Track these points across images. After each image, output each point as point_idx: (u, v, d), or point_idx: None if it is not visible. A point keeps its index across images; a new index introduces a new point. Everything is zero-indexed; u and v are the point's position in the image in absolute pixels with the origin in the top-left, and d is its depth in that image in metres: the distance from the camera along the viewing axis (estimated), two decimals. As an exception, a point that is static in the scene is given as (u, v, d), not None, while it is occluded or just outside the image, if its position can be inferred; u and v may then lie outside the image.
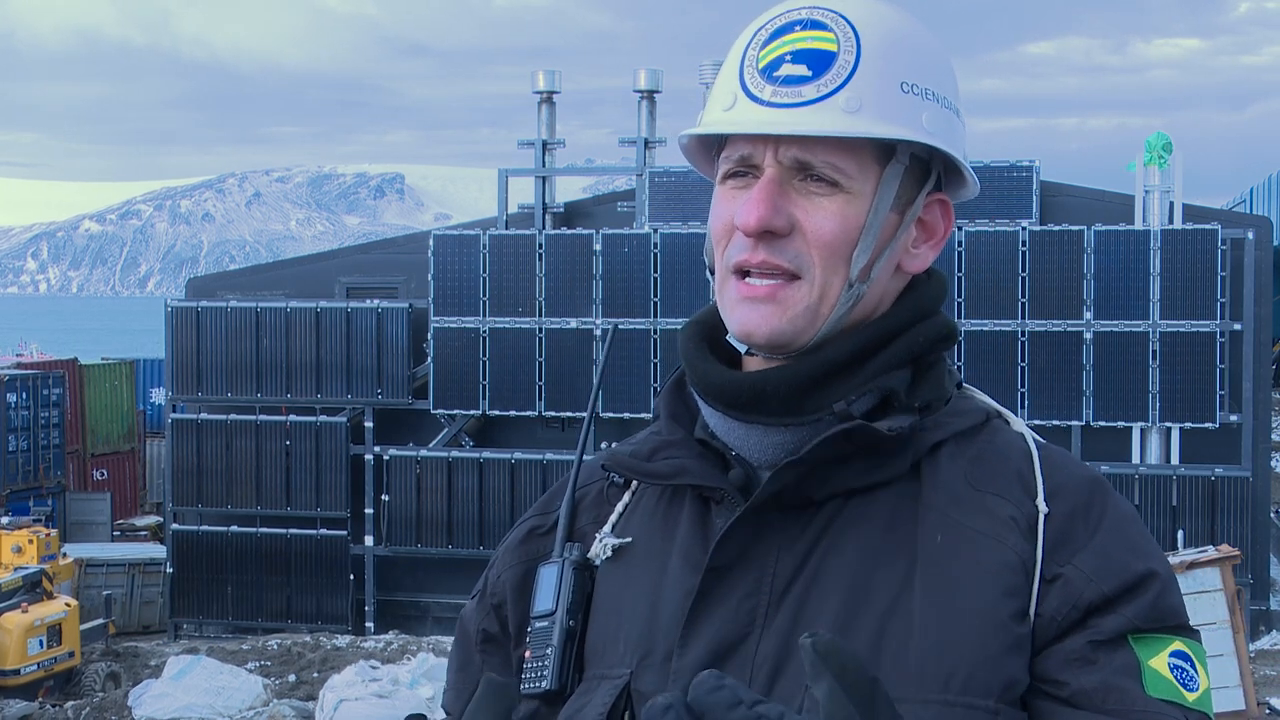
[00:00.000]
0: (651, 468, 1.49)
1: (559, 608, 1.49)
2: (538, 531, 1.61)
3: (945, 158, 1.47)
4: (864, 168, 1.42)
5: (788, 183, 1.42)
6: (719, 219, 1.46)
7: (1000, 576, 1.37)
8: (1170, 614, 1.39)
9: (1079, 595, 1.37)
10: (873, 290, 1.45)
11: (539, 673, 1.47)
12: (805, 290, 1.42)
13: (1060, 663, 1.36)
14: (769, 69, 1.42)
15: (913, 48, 1.45)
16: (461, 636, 1.64)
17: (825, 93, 1.40)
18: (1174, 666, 1.36)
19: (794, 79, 1.41)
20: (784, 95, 1.41)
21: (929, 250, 1.51)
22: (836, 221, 1.41)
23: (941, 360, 1.49)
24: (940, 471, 1.43)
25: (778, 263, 1.41)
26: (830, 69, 1.41)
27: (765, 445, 1.44)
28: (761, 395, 1.43)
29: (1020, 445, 1.46)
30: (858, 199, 1.42)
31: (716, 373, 1.46)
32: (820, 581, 1.39)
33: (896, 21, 1.45)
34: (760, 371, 1.45)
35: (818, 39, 1.42)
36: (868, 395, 1.43)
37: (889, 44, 1.43)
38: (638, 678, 1.43)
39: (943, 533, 1.40)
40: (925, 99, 1.44)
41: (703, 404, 1.48)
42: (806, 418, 1.43)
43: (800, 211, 1.41)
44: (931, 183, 1.49)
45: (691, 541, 1.46)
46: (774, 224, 1.40)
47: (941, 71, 1.48)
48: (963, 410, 1.48)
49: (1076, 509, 1.41)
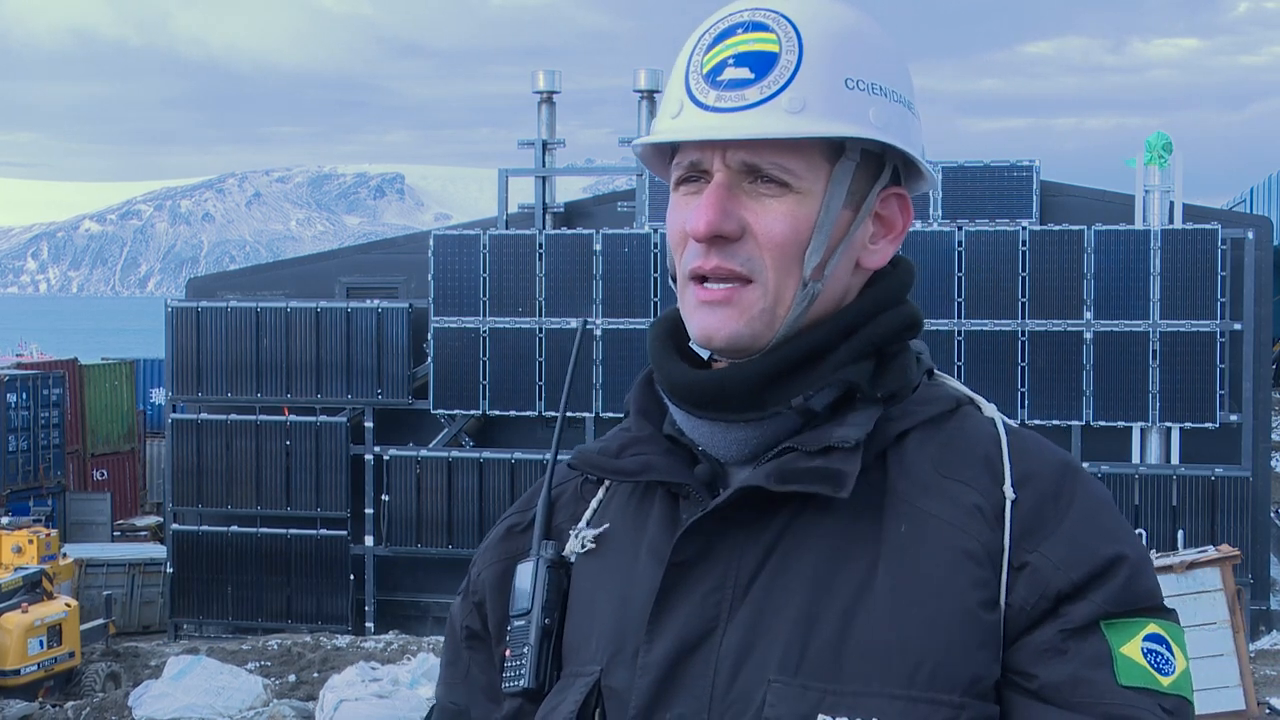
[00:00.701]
0: (619, 464, 1.50)
1: (534, 606, 1.50)
2: (516, 529, 1.62)
3: (899, 152, 1.47)
4: (813, 167, 1.42)
5: (737, 186, 1.42)
6: (673, 226, 1.47)
7: (964, 567, 1.37)
8: (1144, 596, 1.38)
9: (1047, 584, 1.36)
10: (831, 288, 1.45)
11: (517, 671, 1.49)
12: (759, 293, 1.42)
13: (1031, 654, 1.36)
14: (713, 74, 1.42)
15: (857, 44, 1.45)
16: (450, 633, 1.66)
17: (768, 94, 1.40)
18: (1148, 651, 1.35)
19: (737, 82, 1.41)
20: (728, 99, 1.41)
21: (888, 245, 1.50)
22: (787, 222, 1.41)
23: (906, 349, 1.49)
24: (907, 460, 1.43)
25: (731, 267, 1.42)
26: (772, 70, 1.41)
27: (728, 441, 1.45)
28: (722, 392, 1.44)
29: (989, 430, 1.46)
30: (808, 198, 1.42)
31: (679, 371, 1.47)
32: (784, 575, 1.40)
33: (840, 18, 1.45)
34: (721, 369, 1.46)
35: (759, 40, 1.42)
36: (828, 389, 1.43)
37: (832, 41, 1.43)
38: (608, 674, 1.44)
39: (907, 523, 1.40)
40: (872, 94, 1.44)
41: (669, 401, 1.49)
42: (766, 412, 1.43)
43: (750, 214, 1.42)
44: (886, 177, 1.48)
45: (660, 537, 1.47)
46: (724, 228, 1.41)
47: (890, 65, 1.47)
48: (931, 398, 1.48)
49: (1045, 495, 1.40)
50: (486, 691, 1.59)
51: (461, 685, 1.62)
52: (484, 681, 1.60)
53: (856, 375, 1.44)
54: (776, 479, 1.40)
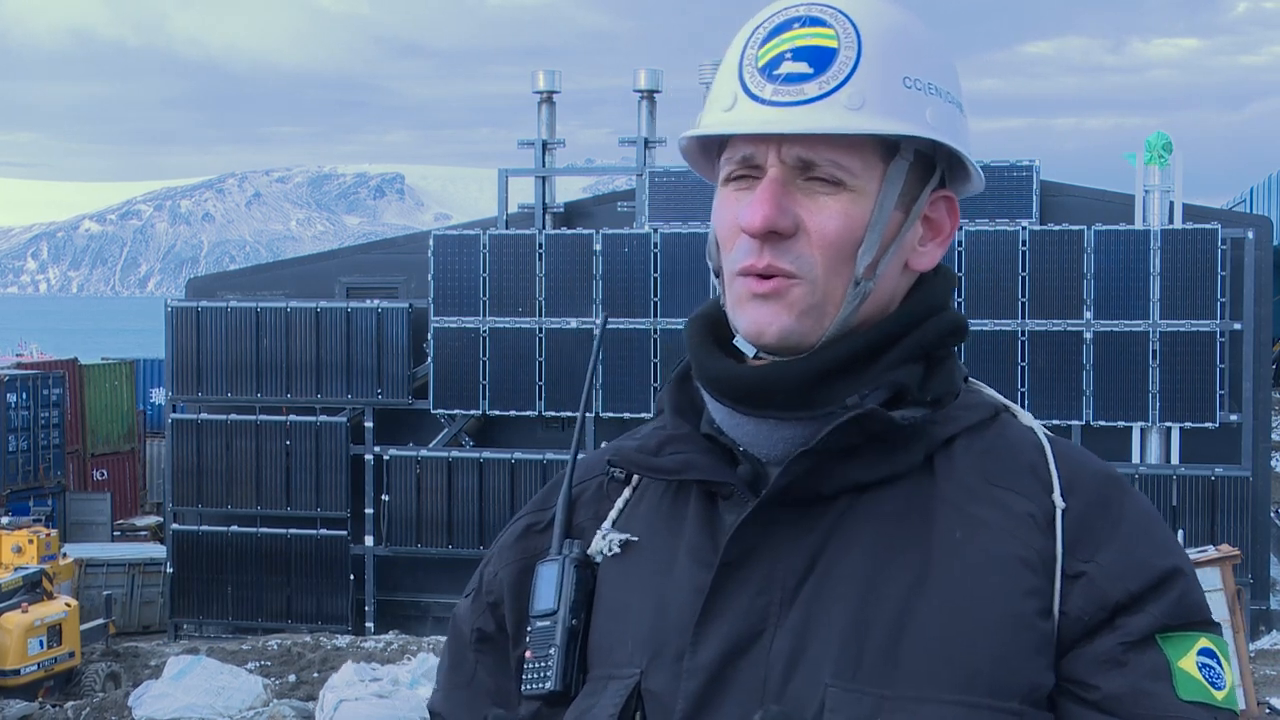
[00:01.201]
0: (658, 463, 1.47)
1: (561, 606, 1.46)
2: (534, 528, 1.59)
3: (949, 153, 1.45)
4: (868, 165, 1.40)
5: (791, 182, 1.40)
6: (723, 222, 1.44)
7: (1020, 574, 1.36)
8: (1195, 610, 1.38)
9: (1105, 595, 1.36)
10: (880, 288, 1.43)
11: (542, 673, 1.45)
12: (808, 289, 1.40)
13: (1089, 665, 1.35)
14: (769, 67, 1.40)
15: (914, 42, 1.44)
16: (455, 636, 1.61)
17: (827, 90, 1.38)
18: (1202, 665, 1.35)
19: (795, 77, 1.39)
20: (785, 94, 1.38)
21: (935, 247, 1.48)
22: (841, 220, 1.39)
23: (952, 355, 1.48)
24: (954, 465, 1.42)
25: (782, 265, 1.39)
26: (831, 66, 1.39)
27: (774, 440, 1.43)
28: (770, 389, 1.41)
29: (1031, 439, 1.45)
30: (862, 197, 1.40)
31: (723, 367, 1.44)
32: (833, 577, 1.38)
33: (896, 16, 1.44)
34: (768, 365, 1.43)
35: (818, 35, 1.40)
36: (879, 390, 1.41)
37: (890, 39, 1.41)
38: (648, 677, 1.41)
39: (960, 528, 1.38)
40: (928, 94, 1.42)
41: (709, 399, 1.46)
42: (817, 411, 1.41)
43: (804, 211, 1.39)
44: (936, 179, 1.47)
45: (699, 538, 1.44)
46: (779, 224, 1.38)
47: (943, 66, 1.46)
48: (972, 404, 1.47)
49: (1093, 503, 1.40)
50: (493, 696, 1.55)
51: (464, 690, 1.58)
52: (491, 686, 1.56)
53: (907, 377, 1.42)
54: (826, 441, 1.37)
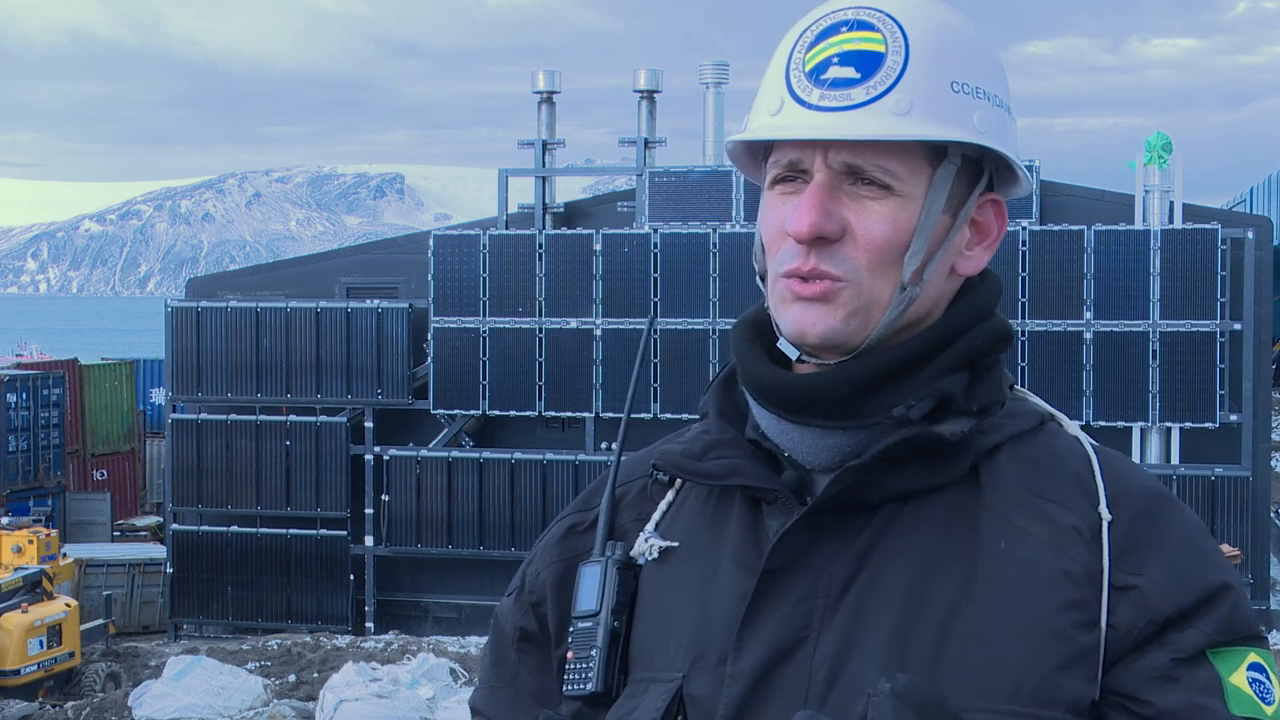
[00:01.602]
0: (703, 467, 1.47)
1: (603, 608, 1.47)
2: (577, 529, 1.59)
3: (997, 157, 1.45)
4: (915, 170, 1.40)
5: (838, 187, 1.40)
6: (769, 225, 1.44)
7: (1064, 587, 1.36)
8: (1245, 625, 1.38)
9: (1155, 608, 1.35)
10: (926, 293, 1.43)
11: (583, 674, 1.45)
12: (854, 293, 1.40)
13: (1141, 680, 1.35)
14: (816, 71, 1.40)
15: (962, 45, 1.43)
16: (497, 634, 1.62)
17: (875, 95, 1.38)
18: (1252, 680, 1.35)
19: (842, 81, 1.39)
20: (833, 98, 1.38)
21: (983, 251, 1.48)
22: (888, 225, 1.39)
23: (998, 363, 1.48)
24: (1000, 475, 1.42)
25: (828, 270, 1.39)
26: (879, 70, 1.38)
27: (819, 448, 1.43)
28: (817, 397, 1.41)
29: (1078, 450, 1.45)
30: (909, 202, 1.40)
31: (770, 373, 1.44)
32: (878, 585, 1.38)
33: (944, 19, 1.43)
34: (816, 373, 1.42)
35: (865, 40, 1.40)
36: (926, 400, 1.41)
37: (938, 43, 1.41)
38: (690, 681, 1.41)
39: (1006, 539, 1.38)
40: (976, 98, 1.42)
41: (754, 405, 1.46)
42: (863, 421, 1.40)
43: (851, 215, 1.39)
44: (984, 183, 1.46)
45: (744, 543, 1.44)
46: (826, 229, 1.38)
47: (991, 68, 1.45)
48: (1018, 413, 1.47)
49: (1140, 516, 1.39)
50: (536, 696, 1.56)
51: (506, 689, 1.58)
52: (533, 686, 1.57)
53: (953, 386, 1.42)
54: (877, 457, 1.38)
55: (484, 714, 1.60)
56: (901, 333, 1.42)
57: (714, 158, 22.30)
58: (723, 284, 20.96)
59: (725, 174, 21.55)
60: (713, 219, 21.44)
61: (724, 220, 21.39)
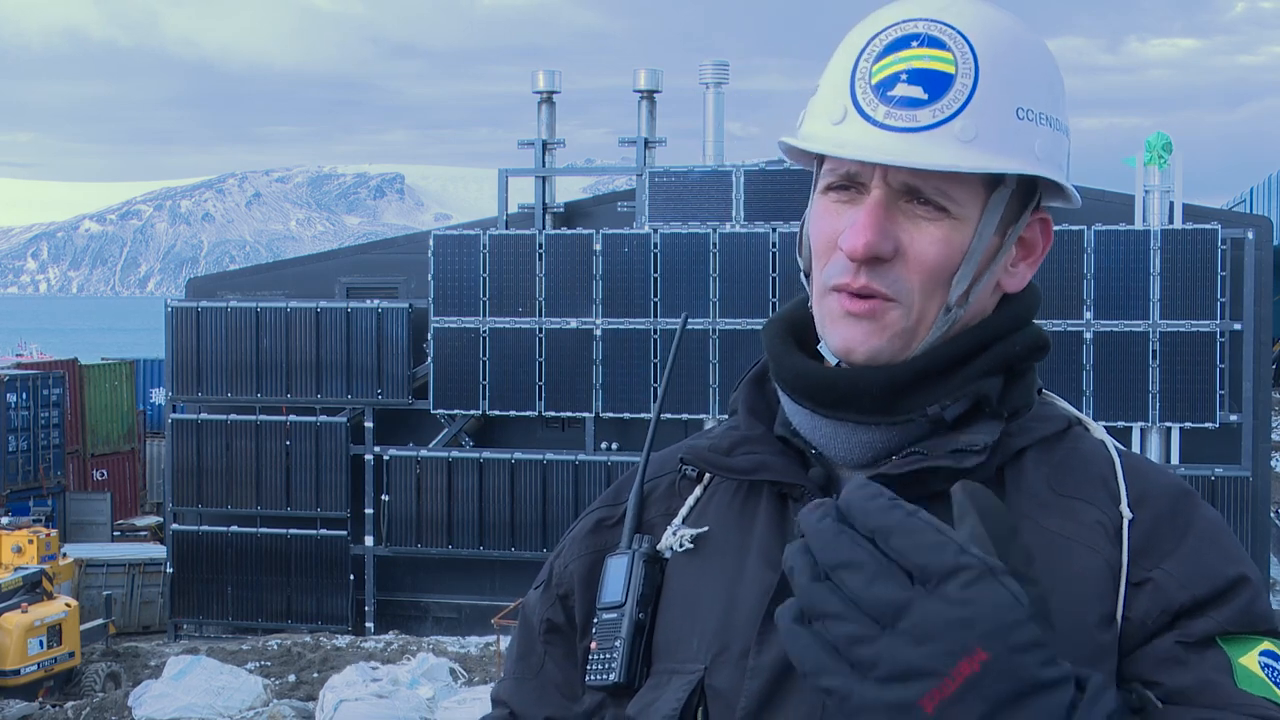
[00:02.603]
0: (731, 462, 1.48)
1: (628, 600, 1.47)
2: (606, 523, 1.59)
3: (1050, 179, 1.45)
4: (971, 194, 1.40)
5: (894, 205, 1.38)
6: (821, 233, 1.43)
7: (1091, 582, 1.36)
8: (1261, 619, 1.37)
9: (1170, 599, 1.36)
10: (970, 311, 1.44)
11: (606, 665, 1.46)
12: (902, 313, 1.40)
13: (1152, 663, 1.35)
14: (883, 86, 1.38)
15: (1029, 68, 1.42)
16: (524, 626, 1.62)
17: (941, 119, 1.36)
18: (1265, 665, 1.34)
19: (909, 101, 1.37)
20: (898, 118, 1.37)
21: (1027, 268, 1.49)
22: (941, 248, 1.39)
23: (1032, 369, 1.49)
24: (1024, 477, 1.42)
25: (878, 289, 1.39)
26: (947, 93, 1.37)
27: (851, 444, 1.43)
28: (854, 393, 1.41)
29: (1102, 452, 1.45)
30: (963, 225, 1.40)
31: (809, 368, 1.44)
32: None
33: (1015, 37, 1.42)
34: (854, 369, 1.42)
35: (936, 59, 1.38)
36: (961, 400, 1.42)
37: (1006, 66, 1.39)
38: (712, 674, 1.42)
39: (1028, 536, 1.37)
40: (1039, 124, 1.41)
41: (787, 399, 1.47)
42: (898, 418, 1.41)
43: (905, 235, 1.38)
44: (1035, 203, 1.47)
45: (770, 539, 1.44)
46: (882, 249, 1.37)
47: (1055, 89, 1.45)
48: (1046, 416, 1.47)
49: (1162, 515, 1.40)
50: (562, 689, 1.57)
51: (533, 681, 1.59)
52: (560, 678, 1.57)
53: (989, 389, 1.43)
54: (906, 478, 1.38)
55: (507, 704, 1.60)
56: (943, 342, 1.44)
57: (714, 158, 22.31)
58: (723, 284, 20.96)
59: (725, 174, 21.56)
60: (713, 219, 21.44)
61: (724, 220, 21.40)
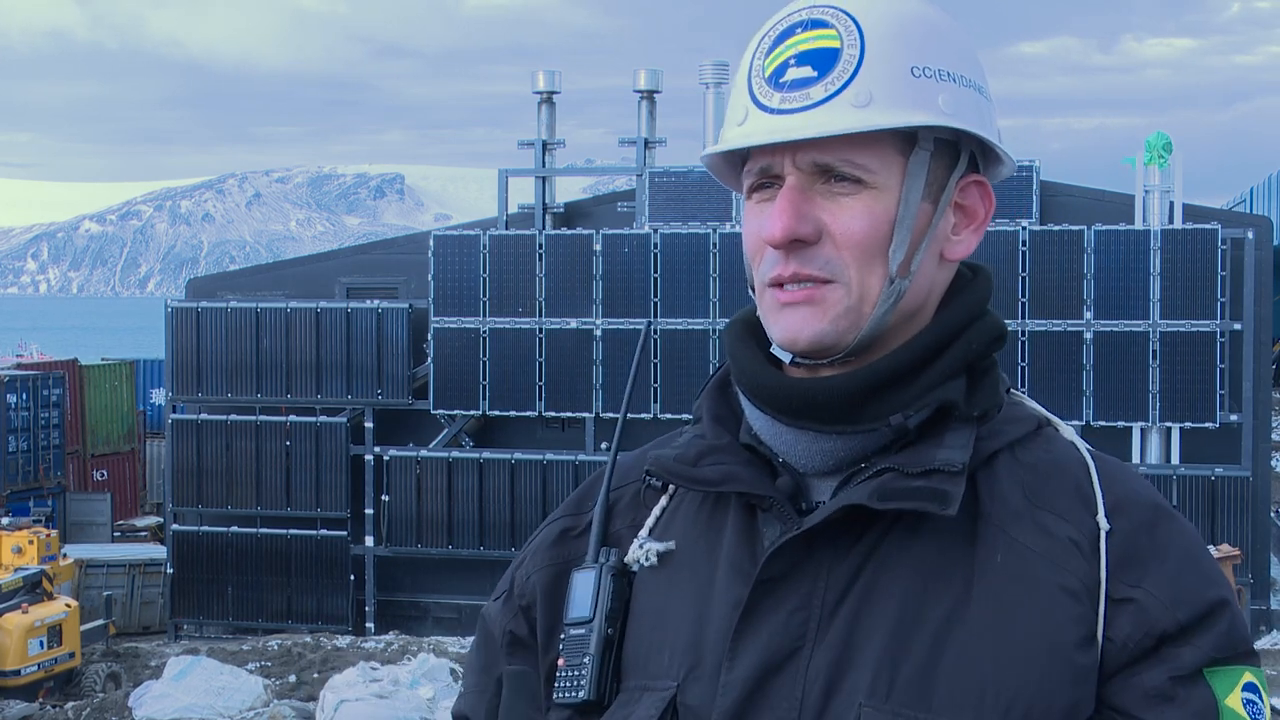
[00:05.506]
0: (698, 474, 1.44)
1: (597, 615, 1.44)
2: (570, 533, 1.56)
3: (974, 138, 1.43)
4: (886, 161, 1.38)
5: (811, 188, 1.38)
6: (750, 234, 1.42)
7: (1062, 603, 1.34)
8: (1241, 642, 1.37)
9: (1154, 623, 1.34)
10: (917, 284, 1.41)
11: (575, 682, 1.42)
12: (842, 292, 1.38)
13: (1138, 698, 1.34)
14: (775, 75, 1.39)
15: (920, 30, 1.41)
16: (484, 638, 1.58)
17: (833, 91, 1.36)
18: (1246, 701, 1.34)
19: (800, 82, 1.37)
20: (792, 100, 1.37)
21: (970, 234, 1.45)
22: (865, 220, 1.37)
23: (994, 365, 1.46)
24: (997, 483, 1.40)
25: (809, 272, 1.37)
26: (835, 66, 1.37)
27: (814, 452, 1.41)
28: (814, 401, 1.39)
29: (1076, 456, 1.43)
30: (885, 194, 1.38)
31: (767, 375, 1.42)
32: (873, 597, 1.36)
33: (900, 8, 1.41)
34: (814, 378, 1.40)
35: (820, 38, 1.38)
36: (925, 408, 1.39)
37: (894, 31, 1.39)
38: (685, 690, 1.39)
39: (1002, 553, 1.36)
40: (940, 80, 1.39)
41: (749, 407, 1.44)
42: (861, 427, 1.39)
43: (827, 215, 1.37)
44: (963, 165, 1.44)
45: (739, 551, 1.42)
46: (800, 232, 1.36)
47: (957, 50, 1.43)
48: (1016, 417, 1.44)
49: (1139, 528, 1.38)
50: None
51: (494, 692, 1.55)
52: None
53: (954, 393, 1.40)
54: (879, 497, 1.35)
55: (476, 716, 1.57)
56: (897, 328, 1.40)
57: (714, 158, 22.28)
58: (723, 284, 20.96)
59: (725, 174, 21.55)
60: (713, 219, 21.44)
61: (724, 220, 21.39)
